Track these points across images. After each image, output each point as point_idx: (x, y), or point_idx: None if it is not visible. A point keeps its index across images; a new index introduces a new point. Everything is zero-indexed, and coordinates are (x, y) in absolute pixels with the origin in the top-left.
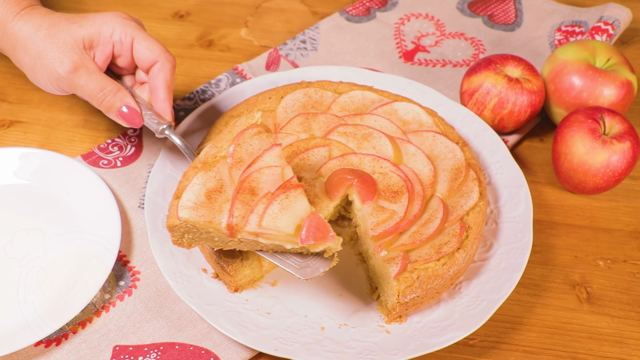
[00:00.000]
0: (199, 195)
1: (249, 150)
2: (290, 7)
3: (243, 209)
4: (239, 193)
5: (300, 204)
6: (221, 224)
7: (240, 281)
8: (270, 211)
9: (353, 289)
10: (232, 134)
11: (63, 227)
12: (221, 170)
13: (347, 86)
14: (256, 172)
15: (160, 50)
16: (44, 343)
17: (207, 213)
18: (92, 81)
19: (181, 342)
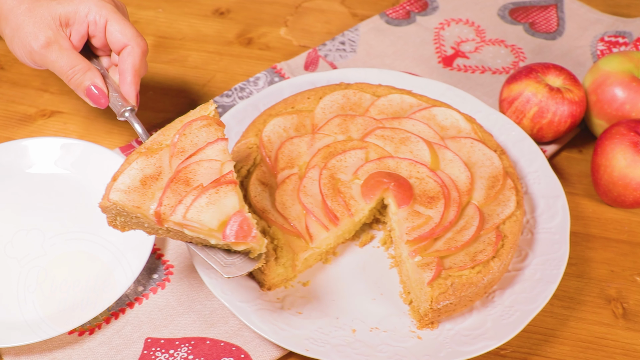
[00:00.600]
0: (134, 179)
1: (193, 141)
2: (330, 8)
3: (174, 198)
4: (173, 182)
5: (229, 200)
6: (149, 211)
7: (273, 280)
8: (197, 204)
9: (386, 293)
10: (182, 123)
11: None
12: (162, 158)
13: (386, 89)
14: (195, 163)
15: (131, 34)
16: (77, 332)
17: (137, 198)
18: (63, 58)
19: (212, 338)
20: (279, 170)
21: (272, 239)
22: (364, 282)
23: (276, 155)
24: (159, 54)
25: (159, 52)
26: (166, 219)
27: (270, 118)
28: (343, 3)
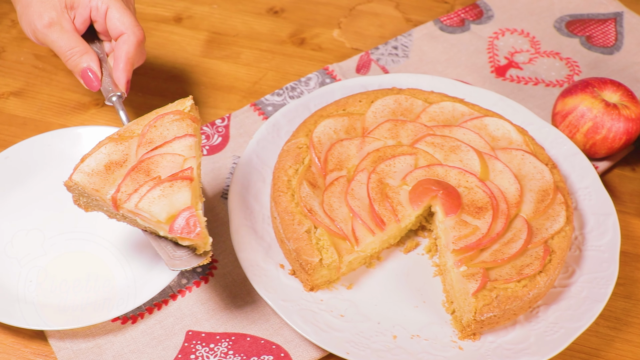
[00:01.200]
0: (99, 163)
1: (163, 134)
2: (384, 12)
3: (131, 186)
4: (134, 171)
5: (182, 195)
6: (107, 195)
7: (317, 281)
8: (151, 195)
9: (428, 301)
10: (157, 114)
11: None
12: (131, 146)
13: (438, 96)
14: (159, 155)
15: (129, 23)
16: (120, 320)
17: (99, 181)
18: (63, 39)
19: (253, 335)
20: (328, 172)
21: (318, 240)
22: (407, 289)
23: (325, 156)
24: (211, 50)
25: (212, 48)
26: (121, 205)
27: (321, 119)
28: (397, 8)
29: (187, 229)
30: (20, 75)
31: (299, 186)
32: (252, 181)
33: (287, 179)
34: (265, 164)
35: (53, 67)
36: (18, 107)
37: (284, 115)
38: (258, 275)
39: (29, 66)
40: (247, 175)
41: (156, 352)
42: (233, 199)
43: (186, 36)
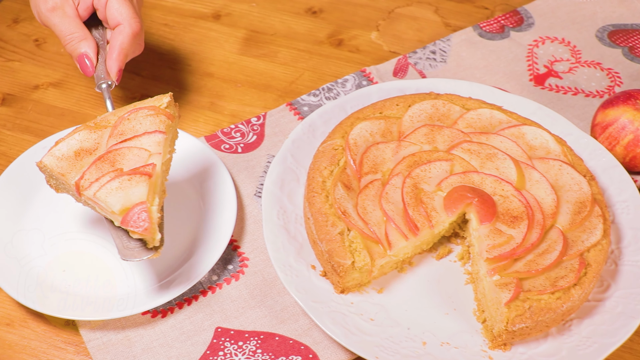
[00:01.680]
0: (70, 149)
1: (135, 127)
2: (423, 16)
3: (95, 175)
4: (100, 160)
5: (138, 190)
6: (71, 180)
7: (348, 283)
8: (109, 186)
9: (459, 309)
10: (133, 107)
11: (180, 203)
12: (104, 136)
13: (475, 103)
14: (126, 148)
15: (127, 14)
16: (150, 313)
17: (66, 166)
18: (64, 23)
19: (281, 334)
20: (363, 175)
21: (351, 242)
22: (438, 296)
23: (361, 159)
24: (249, 48)
25: (250, 46)
26: (82, 191)
27: (358, 121)
28: (437, 12)
29: (136, 223)
30: (60, 66)
31: (333, 188)
32: (286, 181)
33: (322, 180)
34: (299, 163)
35: None
36: (57, 98)
37: (320, 116)
38: (289, 276)
39: (69, 58)
40: (282, 174)
41: (185, 347)
42: (267, 198)
43: (224, 33)
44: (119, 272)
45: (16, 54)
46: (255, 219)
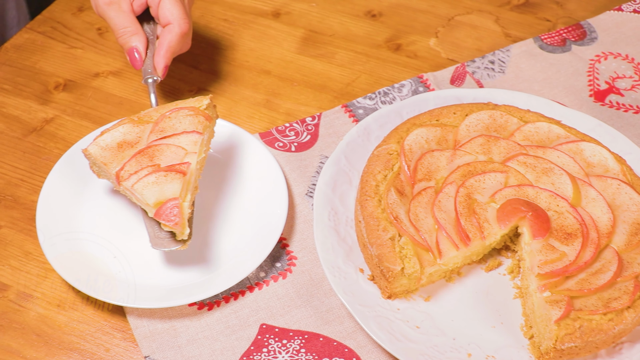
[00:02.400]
0: (114, 140)
1: (174, 126)
2: (483, 25)
3: (134, 167)
4: (140, 154)
5: (172, 186)
6: (112, 170)
7: (396, 289)
8: (146, 180)
9: (506, 323)
10: (175, 106)
11: (231, 198)
12: (145, 130)
13: (534, 116)
14: (165, 145)
15: (177, 15)
16: (197, 305)
17: (109, 156)
18: (119, 17)
19: (326, 336)
20: (416, 181)
21: (402, 248)
22: (485, 308)
23: (415, 165)
24: (307, 47)
25: (308, 45)
26: (122, 181)
27: (414, 127)
28: (497, 22)
29: (168, 217)
30: (121, 56)
31: (386, 192)
32: (339, 182)
33: (376, 184)
34: (353, 166)
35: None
36: (116, 86)
37: (375, 120)
38: (337, 277)
39: None
40: (334, 175)
41: (229, 341)
42: (319, 199)
43: (283, 32)
44: (168, 262)
45: (79, 42)
46: (306, 219)
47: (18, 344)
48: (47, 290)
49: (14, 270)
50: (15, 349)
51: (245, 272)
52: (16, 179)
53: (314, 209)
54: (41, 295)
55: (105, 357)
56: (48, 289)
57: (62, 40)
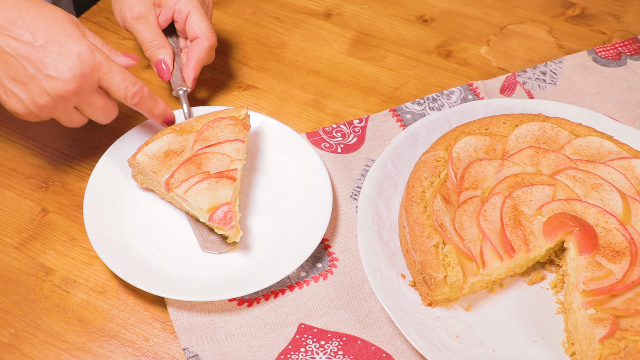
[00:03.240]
0: (160, 149)
1: (217, 134)
2: (536, 35)
3: (183, 175)
4: (187, 162)
5: (225, 192)
6: (162, 178)
7: (437, 297)
8: (199, 186)
9: (548, 338)
10: (215, 116)
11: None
12: (189, 139)
13: (585, 130)
14: (211, 153)
15: (205, 29)
16: (237, 301)
17: (157, 165)
18: (146, 31)
19: (364, 339)
20: (463, 190)
21: (445, 256)
22: (527, 322)
23: (462, 173)
24: (357, 50)
25: (358, 48)
26: (172, 189)
27: (463, 135)
28: (550, 32)
29: (223, 221)
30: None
31: (432, 199)
32: (384, 186)
33: (422, 190)
34: (399, 171)
35: None
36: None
37: (423, 126)
38: (379, 282)
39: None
40: (380, 179)
41: (267, 338)
42: (363, 202)
43: (334, 32)
44: (210, 257)
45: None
46: (349, 221)
47: (61, 327)
48: (91, 277)
49: (59, 255)
50: (57, 332)
51: (286, 270)
52: (65, 166)
53: (358, 212)
54: (84, 282)
55: (144, 346)
56: (92, 275)
57: (115, 31)
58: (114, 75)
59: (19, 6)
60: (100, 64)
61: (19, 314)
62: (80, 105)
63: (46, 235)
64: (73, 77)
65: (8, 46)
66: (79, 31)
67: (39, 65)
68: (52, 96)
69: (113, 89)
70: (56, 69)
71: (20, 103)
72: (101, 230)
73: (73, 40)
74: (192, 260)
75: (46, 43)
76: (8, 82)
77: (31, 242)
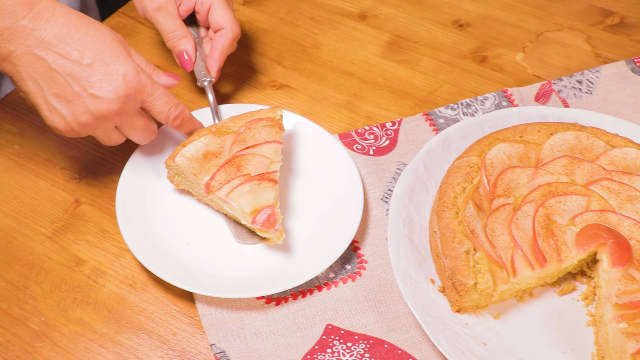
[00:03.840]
0: (198, 151)
1: (255, 136)
2: (573, 44)
3: (224, 177)
4: (228, 164)
5: (267, 194)
6: (202, 180)
7: (466, 303)
8: (241, 189)
9: (577, 350)
10: (251, 117)
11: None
12: (226, 141)
13: (622, 141)
14: (250, 155)
15: (229, 20)
16: (265, 299)
17: (196, 166)
18: (167, 22)
19: (391, 343)
20: (495, 197)
21: (476, 263)
22: (556, 332)
23: (495, 180)
24: (391, 52)
25: (392, 50)
26: (213, 191)
27: (497, 142)
28: (588, 41)
29: (267, 223)
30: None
31: (464, 205)
32: (416, 190)
33: (454, 195)
34: (431, 175)
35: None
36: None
37: (457, 131)
38: (408, 286)
39: None
40: (412, 183)
41: (294, 338)
42: (394, 205)
43: (368, 34)
44: (239, 254)
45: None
46: (379, 224)
47: (90, 318)
48: (121, 269)
49: (90, 247)
50: (86, 322)
51: (315, 271)
52: (99, 158)
53: (389, 215)
54: (114, 274)
55: (171, 340)
56: (121, 268)
57: (152, 26)
58: (158, 98)
59: (68, 24)
60: (145, 86)
61: (50, 303)
62: (120, 126)
63: (78, 226)
64: (117, 98)
65: (55, 63)
66: (125, 51)
67: (84, 84)
68: (95, 115)
69: (155, 111)
70: (101, 89)
71: (61, 120)
72: (132, 224)
73: (119, 60)
74: (222, 257)
75: (93, 62)
76: (52, 98)
77: (63, 232)
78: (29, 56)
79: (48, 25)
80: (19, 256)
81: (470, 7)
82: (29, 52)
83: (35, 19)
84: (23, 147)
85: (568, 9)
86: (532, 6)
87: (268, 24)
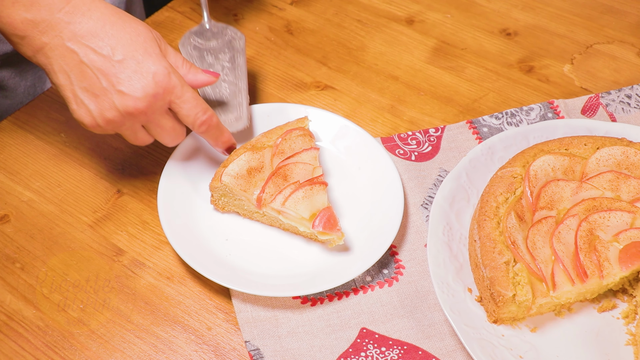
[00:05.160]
0: (242, 168)
1: (291, 146)
2: (623, 57)
3: (273, 189)
4: (274, 176)
5: (321, 197)
6: (253, 195)
7: (503, 315)
8: (295, 196)
9: None
10: (282, 130)
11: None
12: (265, 155)
13: None
14: (292, 164)
15: None
16: (301, 299)
17: (244, 184)
18: None
19: (425, 350)
20: (538, 209)
21: (515, 274)
22: (593, 350)
23: (539, 192)
24: (438, 58)
25: (439, 56)
26: (266, 204)
27: (542, 153)
28: (639, 55)
29: (329, 225)
30: (252, 43)
31: (506, 216)
32: (457, 198)
33: (496, 205)
34: (472, 184)
35: (284, 42)
36: None
37: (501, 140)
38: (446, 294)
39: (262, 37)
40: (453, 191)
41: (329, 339)
42: (435, 212)
43: (415, 39)
44: (277, 252)
45: None
46: (418, 230)
47: (127, 308)
48: (159, 262)
49: (130, 237)
50: (123, 312)
51: (353, 273)
52: (142, 150)
53: (429, 222)
54: (153, 265)
55: (206, 335)
56: (160, 260)
57: (199, 22)
58: (186, 100)
59: (104, 19)
60: (174, 87)
61: (89, 291)
62: (147, 125)
63: (119, 217)
64: (144, 96)
65: (86, 57)
66: (159, 50)
67: (113, 79)
68: (121, 112)
69: (182, 113)
70: (129, 86)
71: (88, 114)
72: (173, 217)
73: (151, 59)
74: (259, 255)
75: (124, 59)
76: (80, 92)
77: (105, 222)
78: (62, 49)
79: (83, 19)
80: (61, 243)
81: (519, 16)
82: (61, 44)
83: (71, 12)
84: (69, 135)
85: (620, 22)
86: (583, 17)
87: (315, 25)
